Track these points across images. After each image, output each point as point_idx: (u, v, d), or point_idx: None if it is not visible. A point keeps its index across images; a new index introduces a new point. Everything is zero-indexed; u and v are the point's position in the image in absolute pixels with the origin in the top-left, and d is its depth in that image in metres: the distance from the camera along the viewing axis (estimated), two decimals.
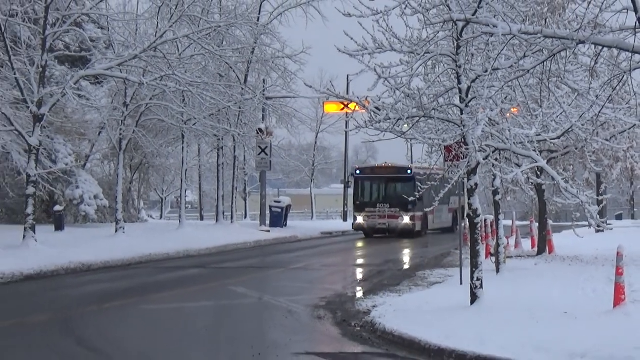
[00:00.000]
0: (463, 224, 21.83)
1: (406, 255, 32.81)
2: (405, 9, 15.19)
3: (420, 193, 26.68)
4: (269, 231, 45.14)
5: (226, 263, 29.69)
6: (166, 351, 14.34)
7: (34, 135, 28.03)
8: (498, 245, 23.27)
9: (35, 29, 29.51)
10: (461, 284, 18.92)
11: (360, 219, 31.42)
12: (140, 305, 19.08)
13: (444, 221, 37.20)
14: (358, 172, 33.55)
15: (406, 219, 30.68)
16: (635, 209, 58.46)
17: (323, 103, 48.45)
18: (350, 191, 45.04)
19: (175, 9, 32.88)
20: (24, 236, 27.34)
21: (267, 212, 50.18)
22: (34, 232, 27.54)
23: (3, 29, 27.49)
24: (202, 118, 39.62)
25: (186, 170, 47.80)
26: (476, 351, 12.16)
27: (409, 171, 30.69)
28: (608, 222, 42.79)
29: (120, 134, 36.22)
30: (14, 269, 23.55)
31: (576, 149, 22.98)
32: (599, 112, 15.77)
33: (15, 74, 27.83)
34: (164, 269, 26.89)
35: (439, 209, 35.53)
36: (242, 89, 43.33)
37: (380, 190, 31.74)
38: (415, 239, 35.14)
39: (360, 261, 31.91)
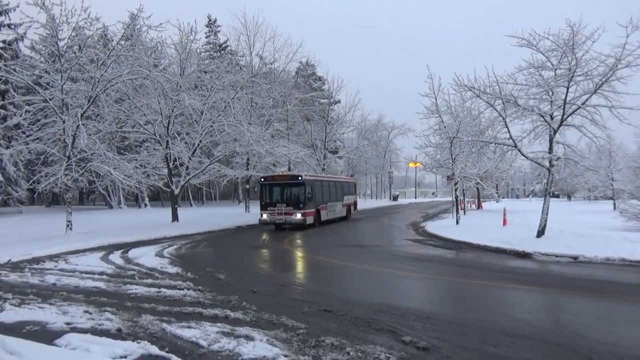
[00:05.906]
0: (455, 199, 18.13)
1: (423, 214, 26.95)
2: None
3: (309, 194, 18.98)
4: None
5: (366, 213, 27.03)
6: (356, 236, 15.06)
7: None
8: (464, 207, 23.07)
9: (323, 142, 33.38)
10: (453, 218, 18.88)
11: (265, 216, 19.22)
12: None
13: (338, 213, 22.90)
14: (263, 180, 19.91)
15: (298, 215, 18.70)
16: (510, 195, 62.90)
17: (408, 163, 50.94)
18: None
19: (364, 135, 40.19)
20: None
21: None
22: None
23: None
24: (371, 167, 46.05)
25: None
26: (461, 239, 12.83)
27: (299, 178, 19.10)
28: (501, 198, 44.98)
29: (322, 168, 35.02)
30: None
31: (489, 176, 22.14)
32: (497, 164, 16.48)
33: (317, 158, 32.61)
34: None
35: (333, 205, 22.18)
36: (383, 159, 48.79)
37: (279, 193, 19.49)
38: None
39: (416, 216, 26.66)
